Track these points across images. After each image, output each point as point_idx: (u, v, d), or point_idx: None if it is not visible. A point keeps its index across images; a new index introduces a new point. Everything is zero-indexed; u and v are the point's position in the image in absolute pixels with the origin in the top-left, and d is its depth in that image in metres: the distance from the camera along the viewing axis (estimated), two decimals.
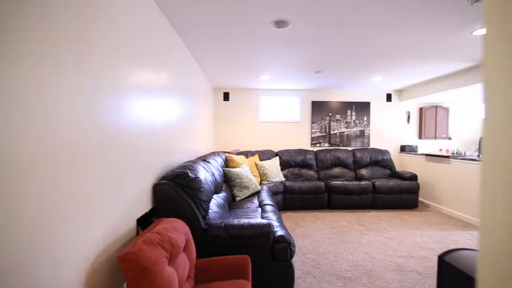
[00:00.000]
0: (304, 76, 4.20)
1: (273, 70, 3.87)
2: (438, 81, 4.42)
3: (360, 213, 4.17)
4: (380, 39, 2.62)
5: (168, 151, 2.23)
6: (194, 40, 2.69)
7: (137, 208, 1.61)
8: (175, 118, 2.46)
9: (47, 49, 0.88)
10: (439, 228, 3.50)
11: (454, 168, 4.04)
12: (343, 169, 4.97)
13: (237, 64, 3.53)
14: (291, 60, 3.36)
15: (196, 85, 3.44)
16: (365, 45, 2.79)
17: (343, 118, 5.39)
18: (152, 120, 1.84)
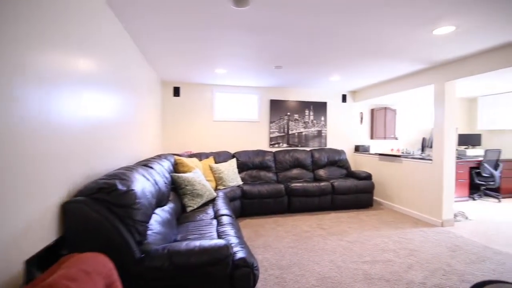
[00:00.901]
0: (263, 71, 3.91)
1: (229, 63, 3.48)
2: (389, 83, 4.56)
3: (320, 216, 4.05)
4: (342, 29, 2.44)
5: (93, 156, 1.68)
6: (136, 23, 2.16)
7: (28, 241, 1.08)
8: (106, 115, 1.91)
9: None
10: (394, 227, 3.54)
11: (405, 167, 4.18)
12: (302, 170, 4.84)
13: (188, 53, 3.05)
14: (250, 51, 3.02)
15: (138, 77, 2.86)
16: (328, 35, 2.60)
17: (301, 118, 5.28)
18: (66, 115, 1.30)
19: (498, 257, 2.67)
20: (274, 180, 4.60)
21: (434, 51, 2.97)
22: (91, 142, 1.67)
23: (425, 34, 2.47)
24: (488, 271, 2.39)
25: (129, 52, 2.53)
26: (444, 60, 3.34)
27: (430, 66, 3.63)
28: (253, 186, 4.05)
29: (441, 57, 3.20)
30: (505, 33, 2.45)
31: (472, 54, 3.07)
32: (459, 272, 2.37)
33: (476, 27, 2.30)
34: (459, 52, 3.01)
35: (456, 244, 2.99)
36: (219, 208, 2.77)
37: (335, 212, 4.26)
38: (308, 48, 2.91)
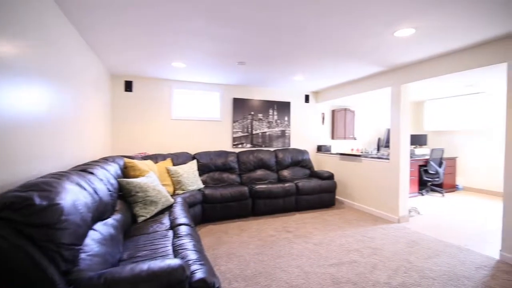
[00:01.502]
0: (226, 67, 3.68)
1: (188, 56, 3.19)
2: (350, 85, 4.68)
3: (285, 218, 3.96)
4: (306, 26, 2.34)
5: (6, 161, 1.29)
6: (76, 6, 1.77)
7: None
8: (29, 109, 1.50)
9: None
10: (356, 225, 3.59)
11: (364, 166, 4.32)
12: (266, 171, 4.72)
13: (140, 43, 2.69)
14: (210, 44, 2.78)
15: (78, 67, 2.41)
16: (291, 31, 2.48)
17: (265, 118, 5.17)
18: None
19: (449, 250, 2.83)
20: (237, 182, 4.40)
21: (394, 54, 3.06)
22: (7, 143, 1.28)
23: (387, 35, 2.50)
24: (443, 265, 2.50)
25: (66, 38, 2.10)
26: (401, 64, 3.48)
27: (388, 69, 3.77)
28: (215, 189, 3.79)
29: (399, 61, 3.33)
30: (458, 39, 2.60)
31: (427, 58, 3.23)
32: (418, 268, 2.44)
33: (433, 31, 2.39)
34: (416, 56, 3.15)
35: (412, 239, 3.11)
36: (177, 216, 2.47)
37: (300, 213, 4.22)
38: (272, 44, 2.77)
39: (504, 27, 2.33)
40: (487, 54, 2.72)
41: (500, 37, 2.55)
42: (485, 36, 2.51)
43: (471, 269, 2.44)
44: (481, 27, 2.32)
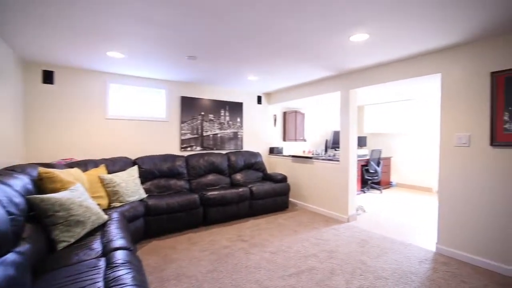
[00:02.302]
0: (174, 61, 3.28)
1: (127, 44, 2.71)
2: (302, 88, 4.73)
3: (239, 225, 3.74)
4: (262, 23, 2.18)
5: None
6: None
7: None
8: None
9: None
10: (311, 228, 3.59)
11: (316, 168, 4.39)
12: (218, 175, 4.43)
13: (62, 23, 2.14)
14: (154, 33, 2.39)
15: None
16: (246, 27, 2.29)
17: (217, 119, 4.87)
18: None
19: (395, 246, 3.00)
20: (186, 189, 4.01)
21: (347, 59, 3.13)
22: None
23: (343, 39, 2.50)
24: (392, 262, 2.61)
25: None
26: (351, 69, 3.61)
27: (338, 74, 3.89)
28: (160, 198, 3.35)
29: (349, 66, 3.43)
30: (405, 48, 2.75)
31: (375, 65, 3.40)
32: (372, 268, 2.49)
33: (385, 38, 2.47)
34: (365, 62, 3.28)
35: (362, 238, 3.23)
36: (112, 237, 2.03)
37: (254, 218, 4.05)
38: (225, 39, 2.52)
39: (442, 40, 2.54)
40: (426, 64, 2.97)
41: (437, 49, 2.80)
42: (427, 47, 2.72)
43: (415, 263, 2.60)
44: (424, 39, 2.49)
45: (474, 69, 2.60)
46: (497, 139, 2.46)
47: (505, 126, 2.41)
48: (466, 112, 2.66)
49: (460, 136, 2.71)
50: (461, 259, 2.67)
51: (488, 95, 2.51)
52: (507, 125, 2.40)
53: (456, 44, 2.66)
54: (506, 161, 2.40)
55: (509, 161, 2.38)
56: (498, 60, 2.45)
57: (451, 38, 2.51)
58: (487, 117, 2.52)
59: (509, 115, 2.39)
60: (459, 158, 2.71)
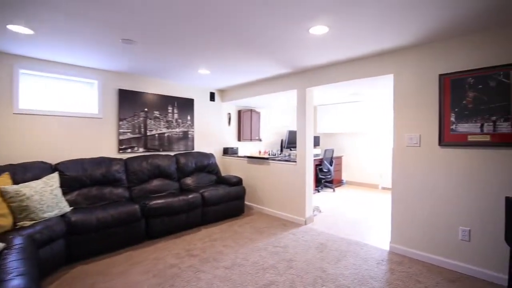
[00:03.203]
0: (105, 45, 2.70)
1: (38, 16, 2.08)
2: (257, 85, 4.49)
3: (189, 236, 3.31)
4: (214, 2, 1.84)
5: None
6: None
7: None
8: None
9: None
10: (268, 234, 3.37)
11: (272, 169, 4.20)
12: (165, 180, 3.92)
13: None
14: (75, 2, 1.84)
15: None
16: (195, 11, 1.92)
17: (164, 116, 4.33)
18: None
19: (352, 248, 2.94)
20: (125, 198, 3.42)
21: (305, 54, 2.96)
22: None
23: (302, 31, 2.30)
24: (351, 267, 2.52)
25: None
26: (308, 67, 3.48)
27: (295, 71, 3.73)
28: (89, 212, 2.74)
29: (307, 63, 3.29)
30: (363, 44, 2.69)
31: (332, 63, 3.32)
32: (332, 276, 2.35)
33: (345, 32, 2.34)
34: (323, 59, 3.16)
35: (321, 242, 3.12)
36: (4, 277, 1.46)
37: (206, 227, 3.66)
38: (167, 20, 2.11)
39: (395, 40, 2.53)
40: (380, 65, 2.98)
41: (390, 50, 2.80)
42: (381, 46, 2.70)
43: (373, 266, 2.55)
44: (379, 38, 2.44)
45: (424, 70, 2.66)
46: (445, 140, 2.54)
47: (452, 127, 2.50)
48: (417, 113, 2.72)
49: (411, 136, 2.76)
50: (412, 256, 2.72)
51: (437, 97, 2.59)
52: (454, 126, 2.49)
53: (408, 46, 2.69)
54: (453, 160, 2.49)
55: (456, 161, 2.48)
56: (445, 63, 2.53)
57: (404, 39, 2.51)
58: (436, 118, 2.59)
59: (455, 116, 2.49)
60: (410, 158, 2.76)
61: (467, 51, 2.40)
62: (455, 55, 2.47)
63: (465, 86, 2.43)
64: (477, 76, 2.37)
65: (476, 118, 2.37)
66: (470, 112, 2.41)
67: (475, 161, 2.38)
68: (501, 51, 2.23)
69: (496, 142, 2.27)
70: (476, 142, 2.37)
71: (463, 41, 2.42)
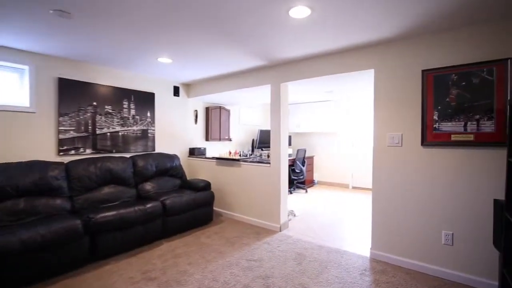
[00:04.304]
0: (33, 19, 2.10)
1: None
2: (227, 79, 4.09)
3: (147, 253, 2.81)
4: None
5: None
6: None
7: None
8: None
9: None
10: (240, 245, 3.00)
11: (244, 172, 3.84)
12: (118, 187, 3.34)
13: None
14: None
15: None
16: None
17: (118, 112, 3.72)
18: None
19: (332, 257, 2.70)
20: (66, 210, 2.80)
21: (281, 44, 2.64)
22: None
23: (280, 13, 1.97)
24: (333, 280, 2.27)
25: None
26: (284, 59, 3.18)
27: (269, 64, 3.41)
28: (10, 233, 2.12)
29: (282, 55, 2.98)
30: (346, 33, 2.44)
31: (309, 56, 3.05)
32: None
33: (328, 17, 2.07)
34: (299, 51, 2.88)
35: (298, 252, 2.83)
36: None
37: (168, 240, 3.18)
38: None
39: (377, 33, 2.33)
40: (360, 58, 2.78)
41: (372, 43, 2.61)
42: (363, 39, 2.49)
43: (356, 277, 2.32)
44: (361, 29, 2.21)
45: (406, 66, 2.51)
46: (428, 139, 2.41)
47: (435, 126, 2.37)
48: (399, 111, 2.56)
49: (392, 135, 2.60)
50: (395, 263, 2.56)
51: (420, 94, 2.45)
52: (437, 125, 2.37)
53: (390, 39, 2.52)
54: (436, 161, 2.36)
55: (439, 161, 2.35)
56: (429, 58, 2.39)
57: (386, 31, 2.32)
58: (419, 116, 2.45)
59: (438, 115, 2.36)
60: (392, 159, 2.60)
61: (451, 46, 2.28)
62: (439, 50, 2.34)
63: (448, 83, 2.31)
64: (460, 73, 2.25)
65: (460, 116, 2.26)
66: (453, 111, 2.29)
67: (459, 162, 2.26)
68: (485, 46, 2.14)
69: (480, 142, 2.17)
70: (460, 141, 2.25)
71: (447, 35, 2.30)
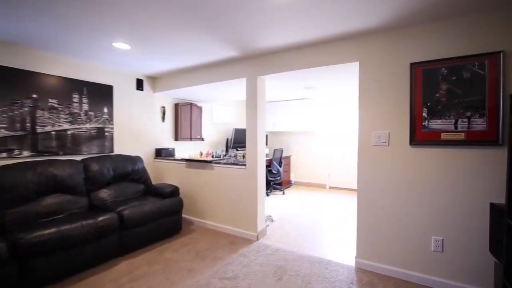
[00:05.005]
0: None
1: None
2: (198, 72, 3.68)
3: (97, 277, 2.33)
4: None
5: None
6: None
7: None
8: None
9: None
10: (212, 259, 2.63)
11: (217, 175, 3.46)
12: (65, 196, 2.79)
13: None
14: None
15: None
16: None
17: (66, 107, 3.15)
18: None
19: (315, 269, 2.43)
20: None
21: (258, 30, 2.31)
22: None
23: None
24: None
25: None
26: (261, 50, 2.85)
27: (244, 55, 3.06)
28: None
29: (259, 43, 2.65)
30: (328, 22, 2.17)
31: (288, 46, 2.75)
32: None
33: (308, 4, 1.78)
34: (278, 40, 2.57)
35: (278, 264, 2.53)
36: None
37: (127, 258, 2.70)
38: None
39: (363, 21, 2.09)
40: (344, 50, 2.54)
41: (356, 33, 2.38)
42: (347, 28, 2.24)
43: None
44: (346, 17, 1.96)
45: (394, 58, 2.31)
46: (417, 138, 2.23)
47: (424, 123, 2.20)
48: (386, 107, 2.36)
49: (379, 134, 2.39)
50: (383, 273, 2.36)
51: (408, 89, 2.26)
52: (426, 122, 2.19)
53: (377, 28, 2.30)
54: (425, 162, 2.19)
55: (428, 162, 2.17)
56: (418, 50, 2.21)
57: (372, 20, 2.10)
58: (407, 113, 2.26)
59: (427, 111, 2.18)
60: (378, 159, 2.39)
61: (441, 37, 2.11)
62: (429, 41, 2.16)
63: (438, 77, 2.14)
64: (450, 67, 2.09)
65: (450, 113, 2.10)
66: (443, 107, 2.12)
67: (449, 162, 2.10)
68: (478, 38, 1.98)
69: (471, 141, 2.02)
70: (450, 140, 2.09)
71: (437, 26, 2.12)
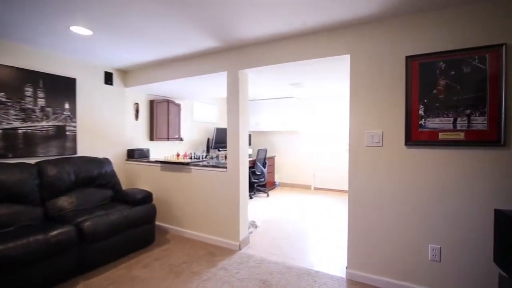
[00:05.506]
0: None
1: None
2: (174, 64, 3.34)
3: None
4: None
5: None
6: None
7: None
8: None
9: None
10: (189, 275, 2.32)
11: (195, 178, 3.15)
12: (14, 206, 2.37)
13: None
14: None
15: None
16: None
17: (16, 102, 2.70)
18: None
19: (303, 282, 2.20)
20: None
21: (240, 16, 2.03)
22: None
23: None
24: None
25: None
26: (243, 40, 2.57)
27: (225, 46, 2.77)
28: None
29: (241, 33, 2.37)
30: (322, 10, 1.93)
31: (274, 37, 2.50)
32: None
33: None
34: (262, 30, 2.31)
35: (263, 278, 2.27)
36: None
37: (87, 278, 2.32)
38: None
39: (357, 9, 1.88)
40: (334, 41, 2.32)
41: (347, 23, 2.17)
42: (336, 17, 2.02)
43: None
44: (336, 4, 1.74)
45: (388, 51, 2.12)
46: (413, 138, 2.05)
47: (421, 122, 2.02)
48: (379, 104, 2.16)
49: (372, 133, 2.20)
50: (376, 285, 2.16)
51: (403, 85, 2.08)
52: (423, 121, 2.02)
53: (370, 17, 2.10)
54: (422, 164, 2.01)
55: (425, 164, 2.00)
56: (414, 42, 2.03)
57: (365, 8, 1.89)
58: (402, 111, 2.08)
59: (424, 109, 2.01)
60: (371, 161, 2.20)
61: (439, 28, 1.94)
62: (426, 33, 1.98)
63: (436, 72, 1.97)
64: (449, 60, 1.92)
65: (448, 111, 1.94)
66: (441, 104, 1.96)
67: (448, 164, 1.94)
68: (478, 29, 1.83)
69: (471, 141, 1.87)
70: (449, 140, 1.93)
71: (435, 16, 1.95)
